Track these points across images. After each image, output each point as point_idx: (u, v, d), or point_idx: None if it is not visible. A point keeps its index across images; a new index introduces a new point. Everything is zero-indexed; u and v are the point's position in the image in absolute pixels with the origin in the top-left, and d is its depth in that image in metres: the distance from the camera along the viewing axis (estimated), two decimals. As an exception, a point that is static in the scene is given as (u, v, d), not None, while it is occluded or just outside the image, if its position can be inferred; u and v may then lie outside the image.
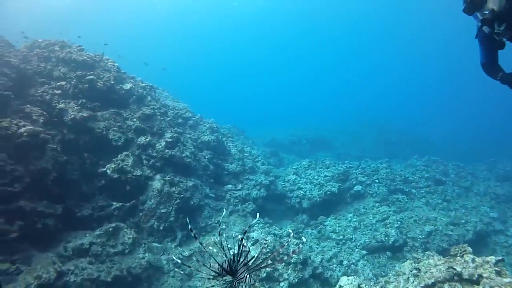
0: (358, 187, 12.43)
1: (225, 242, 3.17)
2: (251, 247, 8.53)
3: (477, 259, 5.40)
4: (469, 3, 3.71)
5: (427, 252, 6.86)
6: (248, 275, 2.97)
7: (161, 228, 9.13)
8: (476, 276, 5.05)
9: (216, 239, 3.24)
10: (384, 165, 14.11)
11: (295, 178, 13.21)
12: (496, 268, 5.05)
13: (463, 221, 10.36)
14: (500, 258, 5.34)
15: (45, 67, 9.69)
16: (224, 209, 8.73)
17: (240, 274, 3.01)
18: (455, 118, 37.48)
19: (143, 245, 8.65)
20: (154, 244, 8.96)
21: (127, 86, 10.03)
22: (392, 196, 12.10)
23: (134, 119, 9.67)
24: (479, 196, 13.04)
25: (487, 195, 13.03)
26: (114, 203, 8.87)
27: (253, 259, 3.03)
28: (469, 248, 5.83)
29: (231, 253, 3.08)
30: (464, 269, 5.26)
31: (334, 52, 60.05)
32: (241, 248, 3.03)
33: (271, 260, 3.15)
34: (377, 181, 12.75)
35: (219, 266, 3.09)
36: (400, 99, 53.78)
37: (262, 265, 3.04)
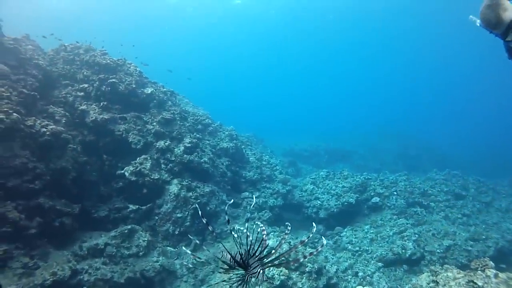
0: (376, 199, 12.15)
1: (246, 234, 3.09)
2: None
3: (500, 274, 5.16)
4: None
5: (445, 266, 6.60)
6: (261, 270, 2.85)
7: (176, 232, 9.09)
8: None
9: (236, 227, 3.18)
10: (403, 177, 13.78)
11: (313, 188, 13.03)
12: None
13: (484, 237, 9.97)
14: None
15: (69, 70, 9.89)
16: (253, 196, 8.65)
17: (253, 269, 2.88)
18: (477, 132, 36.55)
19: (157, 248, 8.63)
20: (169, 248, 8.92)
21: (148, 90, 10.14)
22: (410, 209, 11.78)
23: (154, 123, 9.74)
24: (501, 212, 12.56)
25: (509, 211, 12.54)
26: (131, 206, 8.90)
27: (268, 254, 2.91)
28: (491, 262, 5.59)
29: (247, 245, 2.98)
30: (486, 284, 5.04)
31: (356, 61, 59.41)
32: (257, 241, 2.94)
33: (286, 258, 2.99)
34: (395, 193, 12.45)
35: (231, 258, 2.96)
36: (422, 111, 52.92)
37: (276, 262, 2.95)
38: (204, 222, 2.82)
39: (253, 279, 2.86)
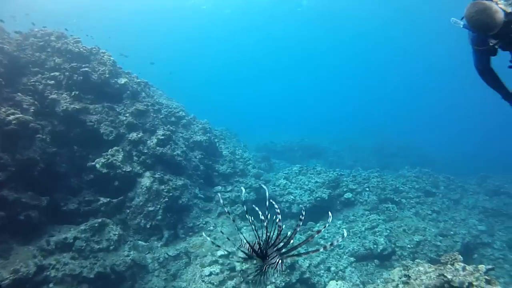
0: (348, 195, 12.26)
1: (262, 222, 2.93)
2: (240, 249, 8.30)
3: (467, 267, 5.34)
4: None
5: (416, 260, 6.72)
6: (279, 261, 2.74)
7: (148, 226, 8.85)
8: (467, 284, 5.03)
9: (249, 218, 3.00)
10: (375, 174, 13.98)
11: (286, 183, 13.01)
12: (486, 277, 5.02)
13: (452, 232, 10.27)
14: (490, 267, 5.28)
15: (39, 57, 9.38)
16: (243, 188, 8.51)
17: (271, 259, 2.77)
18: (451, 131, 37.63)
19: (128, 242, 8.38)
20: (140, 242, 8.68)
21: (122, 80, 9.76)
22: (382, 205, 11.95)
23: (127, 114, 9.41)
24: (468, 209, 12.98)
25: (475, 208, 12.98)
26: (102, 199, 8.58)
27: (286, 244, 2.79)
28: (460, 256, 5.73)
29: (264, 234, 2.84)
30: (454, 277, 5.21)
31: (335, 59, 59.19)
32: (275, 230, 2.80)
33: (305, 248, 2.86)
34: (367, 189, 12.60)
35: (249, 247, 2.87)
36: (397, 110, 53.98)
37: (295, 253, 2.81)
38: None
39: (270, 270, 2.77)
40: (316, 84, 68.79)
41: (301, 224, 2.74)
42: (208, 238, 3.20)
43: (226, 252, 8.36)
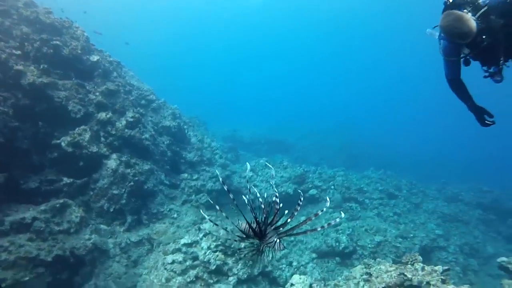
0: (313, 191, 12.42)
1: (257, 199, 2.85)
2: (203, 239, 8.23)
3: (426, 267, 5.65)
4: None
5: (378, 259, 6.92)
6: (278, 240, 2.67)
7: (111, 210, 8.57)
8: (425, 283, 5.36)
9: (245, 198, 2.87)
10: (341, 172, 14.27)
11: (252, 175, 13.01)
12: (442, 277, 5.32)
13: (411, 235, 10.70)
14: (446, 267, 5.60)
15: (2, 23, 8.73)
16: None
17: (269, 238, 2.70)
18: (417, 136, 38.63)
19: (90, 225, 8.08)
20: (102, 226, 8.40)
21: (94, 58, 9.31)
22: (345, 204, 12.24)
23: (97, 93, 9.00)
24: (428, 213, 13.55)
25: (434, 213, 13.57)
26: (65, 179, 8.19)
27: (283, 224, 2.72)
28: (420, 257, 6.00)
29: (261, 213, 2.74)
30: (414, 276, 5.48)
31: (309, 54, 59.20)
32: (272, 209, 2.74)
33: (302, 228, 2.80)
34: (332, 187, 12.84)
35: (247, 226, 2.78)
36: (366, 111, 54.78)
37: (293, 232, 2.71)
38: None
39: (268, 249, 2.72)
40: (289, 78, 68.83)
41: (299, 208, 2.74)
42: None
43: (190, 241, 8.28)
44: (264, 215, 2.73)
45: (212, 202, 3.16)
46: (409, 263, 6.12)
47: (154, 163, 10.19)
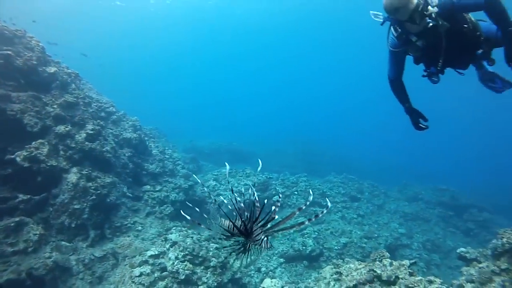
0: (277, 197, 12.45)
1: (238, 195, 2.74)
2: (170, 249, 8.05)
3: (394, 262, 5.87)
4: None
5: (346, 259, 7.08)
6: (265, 238, 2.61)
7: (73, 225, 8.18)
8: (394, 277, 5.55)
9: (230, 195, 2.80)
10: (303, 178, 14.48)
11: (215, 184, 12.95)
12: (409, 270, 5.55)
13: (376, 235, 11.05)
14: (413, 261, 5.86)
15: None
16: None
17: (255, 236, 2.62)
18: (378, 143, 39.70)
19: (51, 243, 7.68)
20: (63, 242, 7.99)
21: (51, 69, 8.93)
22: (310, 209, 12.41)
23: (55, 106, 8.62)
24: (390, 213, 14.09)
25: (397, 213, 14.13)
26: (21, 195, 7.72)
27: (272, 220, 2.65)
28: (387, 253, 6.22)
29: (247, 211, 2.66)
30: (383, 272, 5.68)
31: (267, 61, 58.88)
32: (254, 208, 2.64)
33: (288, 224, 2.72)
34: (296, 193, 13.00)
35: (230, 224, 2.69)
36: (324, 117, 55.62)
37: (280, 228, 2.66)
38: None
39: (255, 247, 2.65)
40: (246, 87, 68.95)
41: (279, 204, 2.75)
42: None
43: (157, 252, 8.07)
44: (247, 214, 2.67)
45: (181, 211, 3.08)
46: (377, 259, 6.34)
47: (116, 176, 9.88)
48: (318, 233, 10.70)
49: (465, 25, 4.09)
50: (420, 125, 4.42)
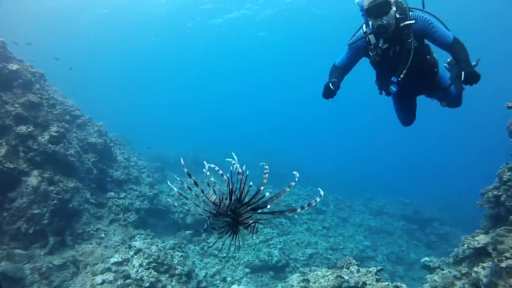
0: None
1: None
2: (135, 256, 7.73)
3: (361, 269, 5.89)
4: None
5: (313, 267, 7.04)
6: (253, 223, 2.34)
7: (30, 231, 7.66)
8: (361, 283, 5.55)
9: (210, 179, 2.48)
10: (269, 190, 14.32)
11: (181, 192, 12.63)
12: (376, 277, 5.57)
13: (341, 247, 11.11)
14: (380, 268, 5.91)
15: None
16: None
17: (243, 219, 2.35)
18: (342, 157, 40.12)
19: (1, 251, 7.16)
20: (17, 250, 7.46)
21: (14, 67, 8.43)
22: (275, 220, 12.32)
23: (16, 105, 8.12)
24: (355, 226, 14.26)
25: (361, 226, 14.32)
26: (-29, 198, 7.21)
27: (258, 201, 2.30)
28: (354, 260, 6.24)
29: (232, 189, 2.34)
30: (350, 278, 5.68)
31: (229, 74, 58.35)
32: (242, 185, 2.33)
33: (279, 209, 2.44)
34: (261, 204, 12.87)
35: (218, 200, 2.41)
36: (286, 130, 55.65)
37: (270, 210, 2.30)
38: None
39: (243, 230, 2.40)
40: (210, 95, 68.19)
41: (267, 176, 2.43)
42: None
43: (121, 259, 7.72)
44: (231, 188, 2.36)
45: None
46: (344, 267, 6.34)
47: (79, 181, 9.41)
48: (284, 244, 10.62)
49: (428, 56, 4.28)
50: (330, 91, 4.27)
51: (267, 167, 2.49)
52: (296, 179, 2.30)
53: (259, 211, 2.32)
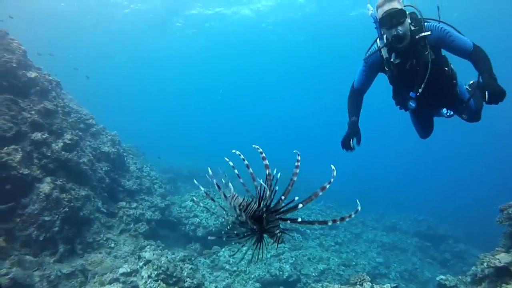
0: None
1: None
2: (144, 267, 7.59)
3: (375, 286, 5.59)
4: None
5: (325, 283, 6.80)
6: (280, 234, 2.12)
7: (41, 238, 7.56)
8: None
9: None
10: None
11: (192, 205, 12.49)
12: None
13: (354, 263, 10.79)
14: (394, 285, 5.64)
15: None
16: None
17: (270, 227, 2.10)
18: (357, 171, 39.47)
19: (12, 257, 7.07)
20: (28, 257, 7.36)
21: (32, 74, 8.48)
22: (287, 235, 12.05)
23: (33, 112, 8.14)
24: (368, 242, 13.91)
25: (374, 242, 13.97)
26: (-17, 203, 7.16)
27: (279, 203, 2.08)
28: (368, 277, 5.98)
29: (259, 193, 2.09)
30: None
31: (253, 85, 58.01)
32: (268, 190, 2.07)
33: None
34: (275, 217, 12.68)
35: (245, 204, 2.17)
36: (300, 143, 54.91)
37: (298, 221, 2.03)
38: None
39: (268, 239, 2.19)
40: (223, 108, 67.91)
41: (298, 172, 2.14)
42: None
43: (129, 270, 7.60)
44: (268, 200, 2.12)
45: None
46: (357, 283, 6.09)
47: (91, 189, 9.36)
48: (296, 259, 10.35)
49: (446, 68, 4.05)
50: (350, 144, 4.14)
51: (299, 158, 2.15)
52: (332, 180, 2.02)
53: (286, 217, 2.12)
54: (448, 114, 4.63)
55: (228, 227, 2.32)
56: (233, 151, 2.37)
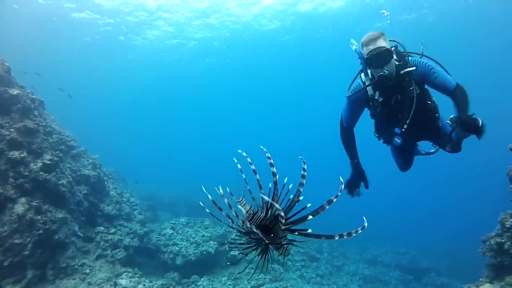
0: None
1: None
2: None
3: None
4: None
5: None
6: (287, 246, 1.97)
7: (6, 263, 7.06)
8: None
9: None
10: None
11: (172, 233, 12.12)
12: None
13: None
14: None
15: None
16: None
17: (278, 239, 1.95)
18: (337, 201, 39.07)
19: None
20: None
21: (14, 91, 8.26)
22: (268, 265, 11.76)
23: (12, 130, 7.87)
24: (350, 275, 13.70)
25: (356, 275, 13.75)
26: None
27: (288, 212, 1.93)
28: None
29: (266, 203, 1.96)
30: None
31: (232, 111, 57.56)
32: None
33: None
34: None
35: (252, 212, 2.02)
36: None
37: (305, 233, 1.89)
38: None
39: (273, 251, 2.03)
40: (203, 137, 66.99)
41: (304, 181, 1.97)
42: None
43: None
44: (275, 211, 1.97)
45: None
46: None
47: (68, 212, 8.95)
48: (276, 290, 10.09)
49: (429, 102, 4.07)
50: (356, 189, 4.10)
51: (305, 167, 2.01)
52: (340, 193, 1.89)
53: (295, 228, 1.99)
54: (427, 152, 4.72)
55: (230, 238, 2.20)
56: (239, 151, 2.23)
